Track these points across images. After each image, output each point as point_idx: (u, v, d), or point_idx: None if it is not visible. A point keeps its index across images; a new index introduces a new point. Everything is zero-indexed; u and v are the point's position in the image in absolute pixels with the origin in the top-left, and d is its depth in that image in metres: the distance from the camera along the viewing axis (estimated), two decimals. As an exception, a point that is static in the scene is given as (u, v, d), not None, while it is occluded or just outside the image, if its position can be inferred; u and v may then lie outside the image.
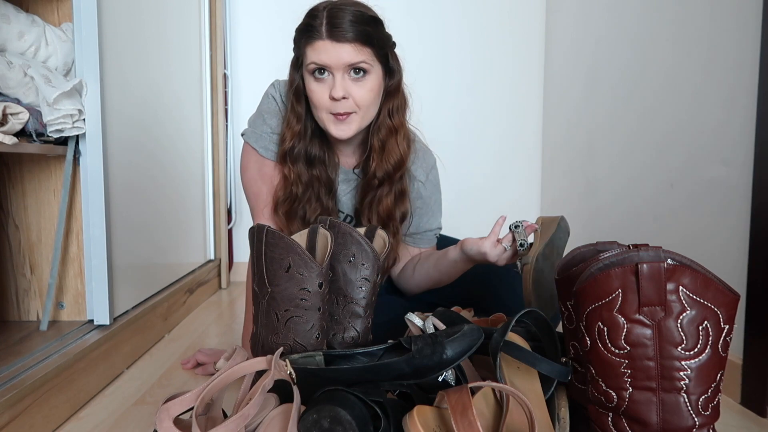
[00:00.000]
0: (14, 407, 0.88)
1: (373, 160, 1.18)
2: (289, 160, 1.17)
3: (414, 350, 0.85)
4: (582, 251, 0.90)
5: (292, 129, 1.15)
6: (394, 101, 1.18)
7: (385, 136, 1.18)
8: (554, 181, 2.30)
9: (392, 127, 1.18)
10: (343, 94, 1.08)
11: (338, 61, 1.07)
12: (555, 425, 0.86)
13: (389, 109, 1.18)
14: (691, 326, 0.74)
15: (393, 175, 1.19)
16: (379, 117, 1.18)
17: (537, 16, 2.36)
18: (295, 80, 1.15)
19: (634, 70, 1.61)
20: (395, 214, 1.21)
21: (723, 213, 1.20)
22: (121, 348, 1.27)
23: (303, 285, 0.90)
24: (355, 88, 1.10)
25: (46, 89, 1.09)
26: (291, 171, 1.17)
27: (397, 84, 1.17)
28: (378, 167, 1.17)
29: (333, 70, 1.08)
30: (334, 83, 1.08)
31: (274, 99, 1.20)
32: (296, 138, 1.16)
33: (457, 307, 1.19)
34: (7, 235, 1.26)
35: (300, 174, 1.17)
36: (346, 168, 1.25)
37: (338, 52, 1.06)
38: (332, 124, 1.12)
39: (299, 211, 1.19)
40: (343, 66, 1.08)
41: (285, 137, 1.16)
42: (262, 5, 2.28)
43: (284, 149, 1.16)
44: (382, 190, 1.20)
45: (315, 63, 1.08)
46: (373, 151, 1.18)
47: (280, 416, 0.75)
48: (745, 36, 1.14)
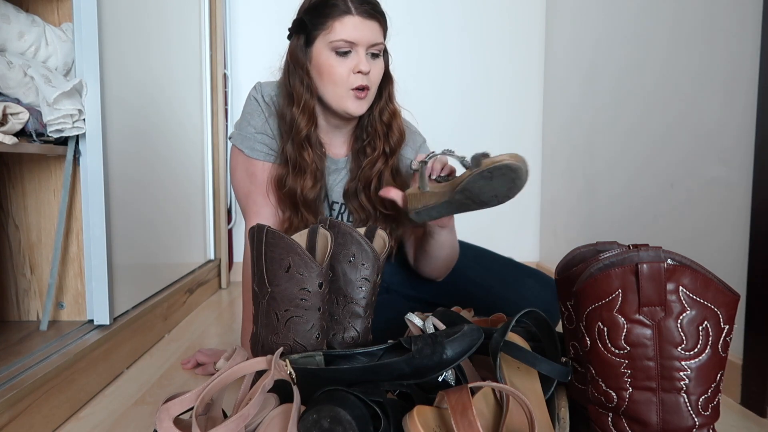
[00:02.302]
0: (14, 407, 0.88)
1: (379, 139, 1.21)
2: (308, 145, 1.17)
3: (414, 350, 0.85)
4: (582, 251, 0.90)
5: (308, 108, 1.15)
6: (391, 85, 1.22)
7: (389, 119, 1.21)
8: (554, 180, 2.30)
9: (394, 110, 1.22)
10: (369, 69, 1.12)
11: (366, 39, 1.11)
12: (555, 425, 0.86)
13: (389, 93, 1.22)
14: (691, 326, 0.74)
15: (397, 149, 1.22)
16: (381, 100, 1.21)
17: (537, 17, 2.36)
18: (302, 60, 1.15)
19: (634, 70, 1.61)
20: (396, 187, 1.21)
21: (723, 212, 1.20)
22: (121, 348, 1.27)
23: (303, 285, 0.90)
24: (372, 66, 1.14)
25: (46, 89, 1.09)
26: (309, 154, 1.17)
27: (388, 68, 1.22)
28: (386, 144, 1.21)
29: (358, 48, 1.11)
30: (359, 59, 1.11)
31: (257, 100, 1.21)
32: (310, 123, 1.16)
33: (457, 307, 1.19)
34: (7, 235, 1.26)
35: (317, 158, 1.18)
36: (335, 158, 1.26)
37: (367, 29, 1.11)
38: (351, 101, 1.14)
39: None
40: (368, 44, 1.12)
41: (300, 124, 1.15)
42: (262, 6, 2.28)
43: (301, 137, 1.16)
44: (386, 169, 1.22)
45: (345, 40, 1.10)
46: (378, 133, 1.21)
47: (280, 416, 0.75)
48: (745, 34, 1.14)
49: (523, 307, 0.94)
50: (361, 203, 1.23)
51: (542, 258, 2.43)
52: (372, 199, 1.22)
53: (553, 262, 1.62)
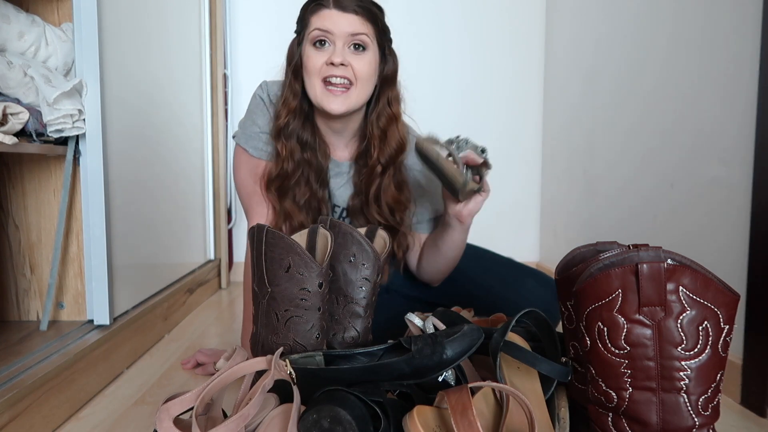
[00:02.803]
0: (14, 407, 0.88)
1: (374, 147, 1.20)
2: (283, 136, 1.17)
3: (414, 350, 0.85)
4: (582, 251, 0.90)
5: (288, 105, 1.16)
6: (392, 91, 1.21)
7: (385, 124, 1.20)
8: (554, 180, 2.30)
9: (392, 115, 1.20)
10: (341, 61, 1.10)
11: (341, 29, 1.10)
12: (555, 425, 0.86)
13: (388, 98, 1.20)
14: (691, 326, 0.74)
15: (395, 159, 1.21)
16: (378, 104, 1.20)
17: (537, 16, 2.36)
18: (294, 57, 1.16)
19: (634, 70, 1.61)
20: (402, 200, 1.22)
21: (723, 212, 1.20)
22: (121, 348, 1.27)
23: (303, 285, 0.90)
24: (355, 59, 1.12)
25: (46, 89, 1.09)
26: (284, 147, 1.17)
27: (393, 73, 1.20)
28: (381, 153, 1.19)
29: (335, 39, 1.11)
30: (334, 51, 1.11)
31: (262, 99, 1.21)
32: (291, 115, 1.17)
33: (457, 307, 1.19)
34: (7, 235, 1.26)
35: (293, 151, 1.18)
36: (339, 161, 1.25)
37: (342, 20, 1.10)
38: (326, 98, 1.12)
39: (289, 191, 1.20)
40: (345, 35, 1.11)
41: (280, 114, 1.17)
42: (262, 5, 2.28)
43: (279, 125, 1.17)
44: (385, 179, 1.21)
45: (318, 29, 1.11)
46: (374, 139, 1.20)
47: (280, 416, 0.75)
48: (745, 34, 1.14)
49: (523, 307, 0.94)
50: (367, 219, 1.23)
51: (542, 258, 2.43)
52: (375, 214, 1.21)
53: (553, 262, 1.62)
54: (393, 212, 1.21)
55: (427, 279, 1.33)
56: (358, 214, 1.24)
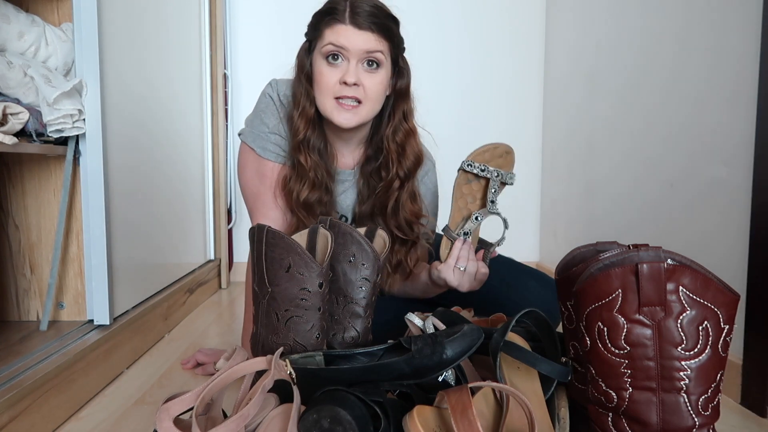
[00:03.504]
0: (14, 407, 0.88)
1: (392, 162, 1.18)
2: (305, 149, 1.15)
3: (414, 350, 0.85)
4: (582, 251, 0.90)
5: (306, 114, 1.14)
6: (407, 104, 1.19)
7: (402, 140, 1.18)
8: (554, 182, 2.30)
9: (409, 130, 1.19)
10: (355, 81, 1.09)
11: (356, 47, 1.08)
12: (555, 425, 0.86)
13: (404, 111, 1.18)
14: (691, 326, 0.74)
15: (414, 173, 1.20)
16: (394, 119, 1.18)
17: (537, 17, 2.36)
18: (305, 65, 1.15)
19: (634, 71, 1.61)
20: (418, 213, 1.21)
21: (723, 213, 1.20)
22: (121, 348, 1.27)
23: (303, 285, 0.90)
24: (368, 78, 1.11)
25: (46, 89, 1.09)
26: (308, 158, 1.15)
27: (407, 86, 1.18)
28: (399, 168, 1.18)
29: (349, 56, 1.09)
30: (347, 69, 1.09)
31: (272, 98, 1.19)
32: (309, 126, 1.15)
33: (457, 307, 1.19)
34: (7, 235, 1.26)
35: (317, 164, 1.16)
36: (341, 168, 1.24)
37: (358, 37, 1.08)
38: (336, 111, 1.11)
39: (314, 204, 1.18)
40: (359, 53, 1.09)
41: (298, 127, 1.15)
42: (262, 5, 2.28)
43: (299, 139, 1.15)
44: (403, 193, 1.19)
45: (333, 44, 1.09)
46: (391, 153, 1.18)
47: (280, 416, 0.75)
48: (746, 37, 1.14)
49: (524, 307, 0.94)
50: (399, 227, 1.21)
51: (542, 258, 2.43)
52: (394, 228, 1.19)
53: (553, 263, 1.62)
54: (411, 226, 1.20)
55: (389, 292, 1.32)
56: (367, 221, 1.22)
